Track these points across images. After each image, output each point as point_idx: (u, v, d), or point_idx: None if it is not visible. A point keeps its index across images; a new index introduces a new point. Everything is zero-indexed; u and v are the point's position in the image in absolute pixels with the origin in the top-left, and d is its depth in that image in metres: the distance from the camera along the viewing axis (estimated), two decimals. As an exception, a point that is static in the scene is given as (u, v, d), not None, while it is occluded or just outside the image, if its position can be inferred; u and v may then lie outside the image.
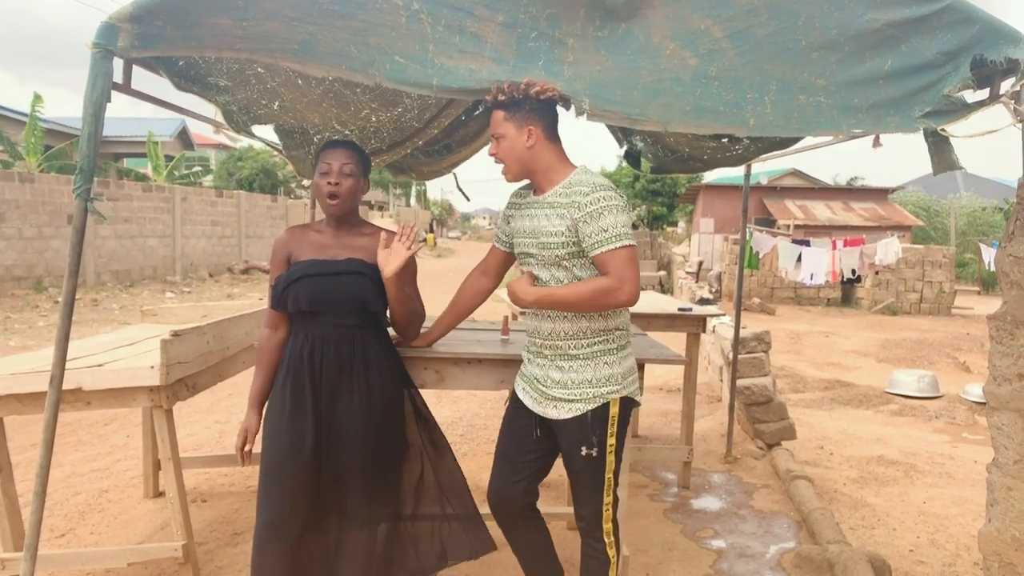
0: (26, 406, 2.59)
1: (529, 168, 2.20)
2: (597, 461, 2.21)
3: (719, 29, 2.03)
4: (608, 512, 2.27)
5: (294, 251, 2.29)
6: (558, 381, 2.22)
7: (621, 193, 2.15)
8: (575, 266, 2.16)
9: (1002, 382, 2.21)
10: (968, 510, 3.99)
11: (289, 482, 2.20)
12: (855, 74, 2.05)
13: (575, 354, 2.20)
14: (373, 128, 3.19)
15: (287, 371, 2.24)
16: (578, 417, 2.18)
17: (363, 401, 2.24)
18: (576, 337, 2.19)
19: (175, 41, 1.92)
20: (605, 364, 2.20)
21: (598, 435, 2.19)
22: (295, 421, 2.20)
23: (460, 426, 5.44)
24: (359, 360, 2.25)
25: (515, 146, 2.16)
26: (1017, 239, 2.20)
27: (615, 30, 2.05)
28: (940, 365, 9.03)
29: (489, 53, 2.05)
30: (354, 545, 2.26)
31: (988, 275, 19.13)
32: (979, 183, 36.18)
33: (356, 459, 2.24)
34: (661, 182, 30.02)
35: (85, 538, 3.38)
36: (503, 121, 2.13)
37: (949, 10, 2.01)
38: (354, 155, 2.29)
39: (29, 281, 12.48)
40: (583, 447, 2.19)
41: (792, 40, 2.03)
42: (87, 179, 1.95)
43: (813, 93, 2.07)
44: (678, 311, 4.30)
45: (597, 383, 2.19)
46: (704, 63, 2.05)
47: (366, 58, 2.00)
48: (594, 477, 2.23)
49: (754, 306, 14.09)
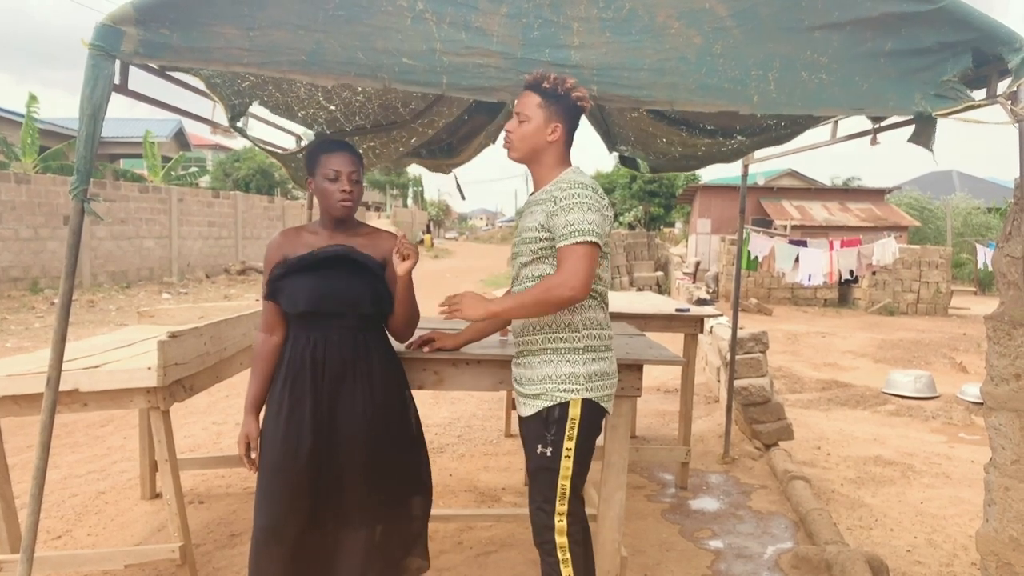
0: (23, 408, 2.58)
1: (536, 158, 2.19)
2: (551, 462, 2.13)
3: (724, 8, 2.06)
4: (561, 524, 2.14)
5: (289, 254, 2.28)
6: (529, 378, 2.20)
7: (603, 196, 2.13)
8: (551, 259, 2.13)
9: (999, 382, 2.21)
10: (965, 510, 4.00)
11: (287, 485, 2.19)
12: (856, 53, 2.09)
13: (538, 348, 2.18)
14: (359, 103, 3.17)
15: (287, 373, 2.23)
16: (538, 413, 2.16)
17: (365, 403, 2.24)
18: (541, 331, 2.17)
19: (181, 52, 1.92)
20: (567, 362, 2.14)
21: (554, 434, 2.12)
22: (293, 424, 2.19)
23: (458, 427, 5.44)
24: (363, 362, 2.25)
25: (537, 134, 2.14)
26: (1014, 239, 2.21)
27: (620, 10, 2.08)
28: (937, 365, 9.04)
29: (496, 46, 2.06)
30: (353, 545, 2.26)
31: (985, 275, 19.17)
32: (975, 183, 36.31)
33: (357, 461, 2.23)
34: (658, 183, 30.02)
35: (82, 540, 3.37)
36: (536, 107, 2.11)
37: (946, 11, 2.03)
38: (359, 161, 2.31)
39: (25, 282, 12.45)
40: (539, 445, 2.14)
41: (795, 19, 2.07)
42: (84, 180, 1.95)
43: (815, 71, 2.10)
44: (675, 312, 4.30)
45: (557, 379, 2.13)
46: (709, 41, 2.08)
47: (374, 62, 2.01)
48: (547, 480, 2.14)
49: (751, 307, 14.11)
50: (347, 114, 3.30)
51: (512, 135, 2.17)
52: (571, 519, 2.15)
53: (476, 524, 3.55)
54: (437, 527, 3.52)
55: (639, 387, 2.60)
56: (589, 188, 2.08)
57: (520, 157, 2.21)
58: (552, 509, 2.14)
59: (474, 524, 3.55)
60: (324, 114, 3.31)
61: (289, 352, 2.25)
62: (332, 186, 2.24)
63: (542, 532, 2.17)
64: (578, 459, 2.14)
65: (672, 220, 34.15)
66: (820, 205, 20.60)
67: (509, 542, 3.39)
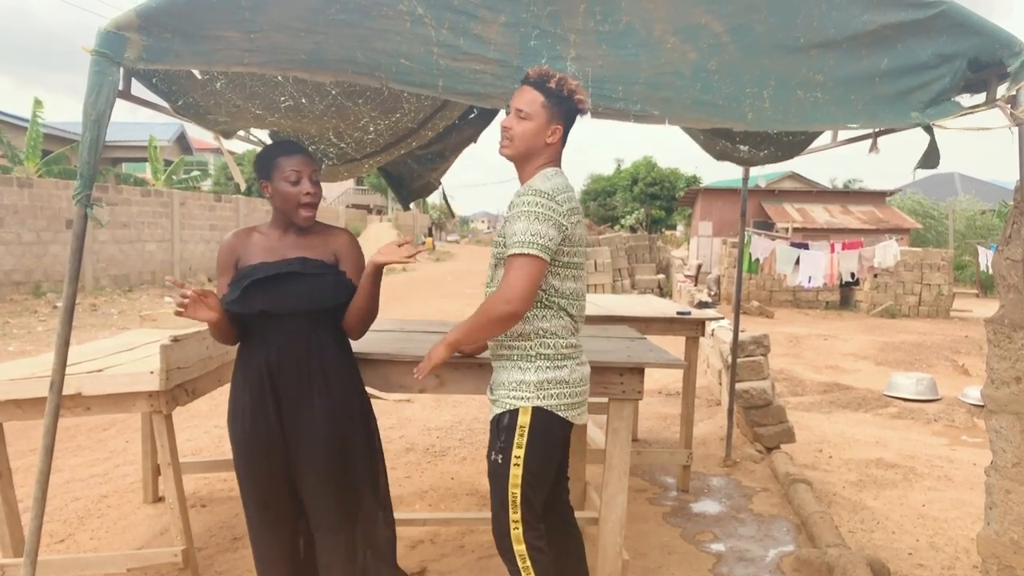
0: (26, 412, 2.59)
1: (529, 157, 2.13)
2: (501, 469, 2.11)
3: (720, 24, 2.06)
4: (517, 532, 2.11)
5: (242, 255, 2.27)
6: (490, 383, 2.24)
7: (564, 202, 2.04)
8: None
9: (1000, 385, 2.21)
10: (967, 513, 3.99)
11: (266, 470, 2.24)
12: (852, 71, 2.08)
13: (496, 355, 2.20)
14: (371, 137, 3.19)
15: (244, 375, 2.23)
16: (493, 419, 2.17)
17: (323, 402, 2.24)
18: (500, 338, 2.16)
19: (183, 55, 1.93)
20: (518, 369, 2.12)
21: (503, 441, 2.11)
22: (258, 423, 2.22)
23: (459, 430, 5.44)
24: (316, 362, 2.24)
25: (537, 134, 2.08)
26: (1014, 242, 2.21)
27: (617, 23, 2.07)
28: (939, 368, 9.03)
29: (493, 54, 2.07)
30: (331, 547, 2.29)
31: (986, 278, 19.13)
32: (977, 185, 36.28)
33: (322, 461, 2.25)
34: (660, 185, 30.03)
35: (84, 543, 3.37)
36: (539, 105, 2.05)
37: (944, 15, 2.03)
38: (316, 163, 2.31)
39: (28, 286, 12.46)
40: (491, 451, 2.15)
41: (791, 37, 2.06)
42: (87, 185, 1.96)
43: (811, 88, 2.09)
44: (677, 315, 4.30)
45: (508, 386, 2.13)
46: (704, 57, 2.08)
47: (372, 62, 2.02)
48: (497, 487, 2.14)
49: (753, 309, 14.10)
50: (359, 147, 3.32)
51: (512, 130, 2.09)
52: (526, 526, 2.12)
53: (478, 528, 3.55)
54: (439, 530, 3.52)
55: (640, 390, 2.61)
56: (543, 195, 2.00)
57: (514, 155, 2.13)
58: (506, 516, 2.12)
59: (476, 528, 3.55)
60: (335, 150, 3.33)
61: (246, 354, 2.25)
62: (294, 188, 2.21)
63: (500, 539, 2.17)
64: (529, 467, 2.09)
65: (673, 223, 34.17)
66: (821, 207, 20.59)
67: (511, 545, 3.39)
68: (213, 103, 2.45)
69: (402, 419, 5.71)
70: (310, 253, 2.27)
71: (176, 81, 2.33)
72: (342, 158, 3.43)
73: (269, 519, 2.29)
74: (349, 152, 3.36)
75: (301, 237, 2.30)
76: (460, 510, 3.85)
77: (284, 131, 3.10)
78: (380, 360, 2.58)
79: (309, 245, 2.29)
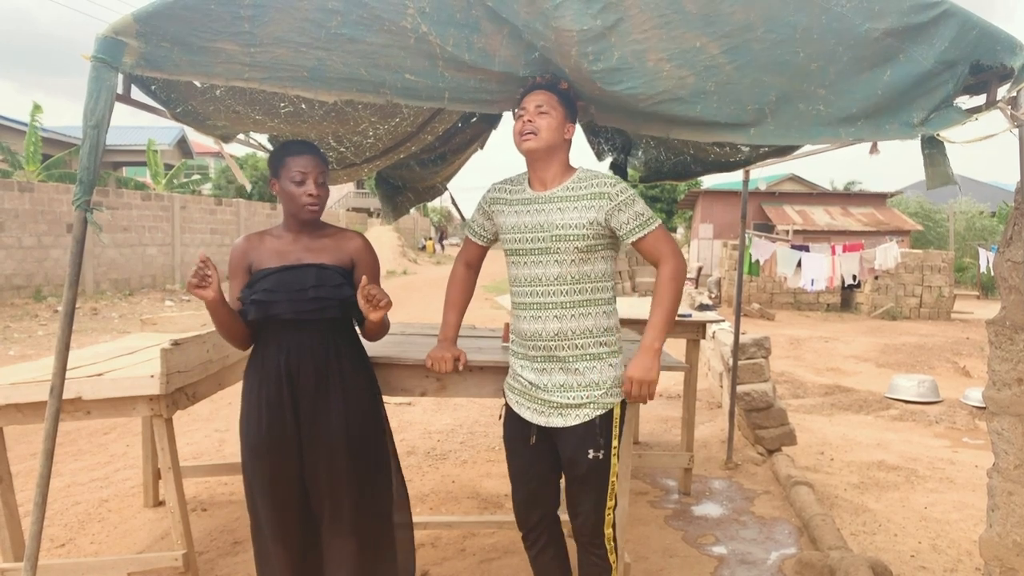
0: (26, 416, 2.59)
1: (552, 153, 2.19)
2: (603, 464, 2.18)
3: (715, 46, 2.01)
4: (610, 517, 2.24)
5: (254, 259, 2.26)
6: (562, 384, 2.17)
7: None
8: (593, 258, 2.17)
9: (1001, 387, 2.21)
10: (969, 515, 3.98)
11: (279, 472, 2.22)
12: (854, 84, 2.05)
13: (587, 354, 2.17)
14: (370, 142, 3.20)
15: (260, 379, 2.22)
16: (585, 422, 2.16)
17: (340, 407, 2.24)
18: (583, 336, 2.16)
19: (182, 64, 1.92)
20: (610, 366, 2.19)
21: (605, 438, 2.17)
22: (274, 426, 2.20)
23: (460, 433, 5.44)
24: (334, 367, 2.24)
25: (559, 128, 2.18)
26: (1015, 244, 2.21)
27: (609, 59, 2.02)
28: (940, 370, 9.02)
29: (498, 66, 2.06)
30: (342, 551, 2.27)
31: (987, 279, 19.14)
32: (977, 187, 36.22)
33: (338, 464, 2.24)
34: (660, 188, 30.02)
35: (85, 548, 3.37)
36: (557, 103, 2.15)
37: (946, 17, 2.01)
38: (324, 165, 2.29)
39: (28, 290, 12.47)
40: (590, 450, 2.16)
41: (790, 52, 2.02)
42: (87, 191, 1.95)
43: (812, 102, 2.07)
44: (678, 317, 4.30)
45: (603, 385, 2.17)
46: (701, 79, 2.04)
47: (376, 79, 2.00)
48: (599, 481, 2.20)
49: (754, 311, 14.09)
50: (358, 152, 3.32)
51: (538, 123, 2.13)
52: (615, 512, 2.26)
53: (479, 531, 3.55)
54: (440, 534, 3.52)
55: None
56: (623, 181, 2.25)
57: (539, 147, 2.15)
58: (604, 506, 2.23)
59: (477, 531, 3.55)
60: (334, 154, 3.33)
61: (261, 360, 2.24)
62: (298, 189, 2.22)
63: (594, 536, 2.25)
64: (620, 454, 2.23)
65: (674, 225, 34.16)
66: (822, 209, 20.60)
67: (512, 549, 3.38)
68: (212, 109, 2.45)
69: (403, 422, 5.71)
70: (324, 257, 2.27)
71: (175, 89, 2.32)
72: (341, 162, 3.42)
73: (276, 522, 2.26)
74: (349, 156, 3.36)
75: (314, 240, 2.30)
76: (461, 513, 3.85)
77: (284, 135, 3.11)
78: (381, 363, 2.57)
79: (323, 248, 2.29)
